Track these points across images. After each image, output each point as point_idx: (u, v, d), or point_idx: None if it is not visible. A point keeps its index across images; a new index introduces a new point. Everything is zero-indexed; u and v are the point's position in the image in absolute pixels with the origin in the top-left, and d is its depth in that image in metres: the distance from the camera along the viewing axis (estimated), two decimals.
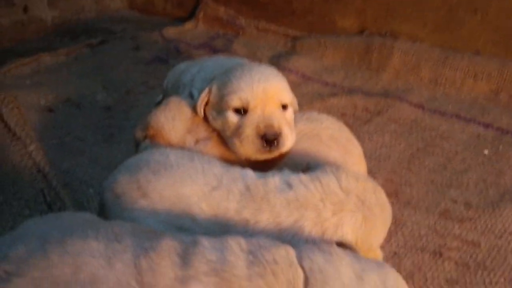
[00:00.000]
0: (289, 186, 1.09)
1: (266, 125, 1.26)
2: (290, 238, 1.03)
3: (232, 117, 1.30)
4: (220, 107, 1.33)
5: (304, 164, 1.27)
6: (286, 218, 1.04)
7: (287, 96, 1.37)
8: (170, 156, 1.23)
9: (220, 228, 1.06)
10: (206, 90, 1.36)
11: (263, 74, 1.34)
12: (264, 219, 1.05)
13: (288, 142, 1.29)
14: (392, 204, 1.44)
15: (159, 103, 2.00)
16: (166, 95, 1.81)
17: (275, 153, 1.29)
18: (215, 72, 1.50)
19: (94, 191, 1.50)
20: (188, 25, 3.07)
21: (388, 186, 1.53)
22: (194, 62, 1.77)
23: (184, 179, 1.14)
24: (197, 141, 1.39)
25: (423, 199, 1.48)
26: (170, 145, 1.38)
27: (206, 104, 1.38)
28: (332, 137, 1.37)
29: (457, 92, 2.10)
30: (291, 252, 0.87)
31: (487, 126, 1.86)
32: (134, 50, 2.74)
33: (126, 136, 1.84)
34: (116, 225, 0.95)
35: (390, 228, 1.31)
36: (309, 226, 1.03)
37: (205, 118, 1.40)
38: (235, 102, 1.29)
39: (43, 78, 2.33)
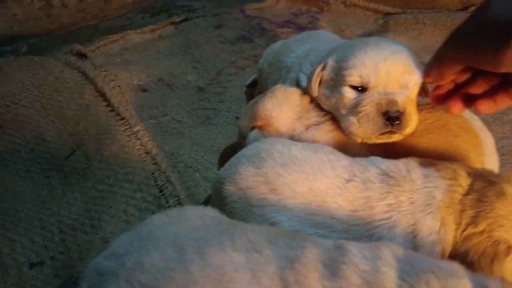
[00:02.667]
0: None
1: (388, 101, 1.14)
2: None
3: (349, 93, 1.19)
4: (335, 83, 1.21)
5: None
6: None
7: (415, 77, 1.25)
8: (293, 147, 1.16)
9: (361, 223, 0.97)
10: (321, 66, 1.27)
11: (391, 51, 1.20)
12: (405, 198, 0.95)
13: (412, 122, 1.17)
14: None
15: (250, 85, 1.95)
16: (261, 75, 1.73)
17: (396, 136, 1.17)
18: (322, 55, 1.41)
19: (200, 176, 1.47)
20: (269, 1, 2.96)
21: None
22: (292, 42, 1.66)
23: (315, 172, 1.06)
24: (307, 127, 1.32)
25: None
26: (280, 134, 1.31)
27: (320, 83, 1.29)
28: (461, 126, 1.24)
29: None
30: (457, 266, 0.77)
31: None
32: (217, 28, 2.68)
33: (223, 119, 1.80)
34: (250, 231, 0.88)
35: None
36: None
37: (316, 101, 1.32)
38: (354, 78, 1.17)
39: (132, 56, 2.33)
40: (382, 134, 1.17)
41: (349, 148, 1.26)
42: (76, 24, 2.93)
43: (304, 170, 1.07)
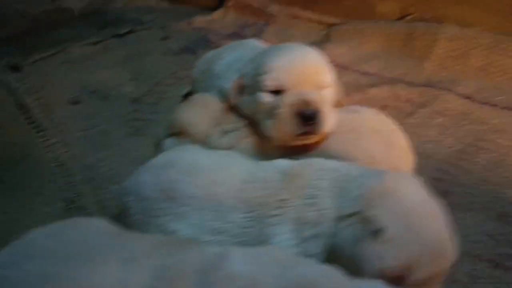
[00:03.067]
0: None
1: (302, 102, 1.16)
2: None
3: (266, 97, 1.21)
4: (253, 90, 1.24)
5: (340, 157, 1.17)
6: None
7: (327, 77, 1.27)
8: (200, 155, 1.15)
9: (255, 223, 0.97)
10: (239, 75, 1.28)
11: (301, 53, 1.26)
12: (297, 192, 0.97)
13: (328, 122, 1.19)
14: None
15: (186, 96, 1.93)
16: (195, 85, 1.72)
17: (313, 137, 1.18)
18: (247, 64, 1.41)
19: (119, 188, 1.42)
20: (218, 14, 2.96)
21: (436, 186, 1.39)
22: (224, 50, 1.66)
23: (215, 178, 1.05)
24: (225, 133, 1.31)
25: (478, 201, 1.33)
26: (197, 142, 1.30)
27: (240, 91, 1.29)
28: (373, 129, 1.25)
29: (509, 81, 1.91)
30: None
31: None
32: (163, 40, 2.66)
33: (154, 130, 1.76)
34: (134, 240, 0.86)
35: None
36: None
37: (235, 108, 1.32)
38: (269, 83, 1.20)
39: (70, 68, 2.28)
40: (299, 135, 1.18)
41: (266, 152, 1.26)
42: (19, 37, 2.86)
43: (204, 177, 1.06)
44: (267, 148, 1.26)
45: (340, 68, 2.17)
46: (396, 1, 2.33)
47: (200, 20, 2.89)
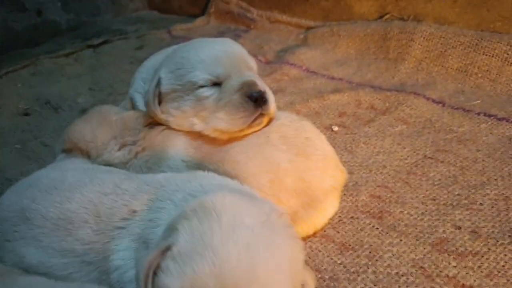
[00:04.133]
0: None
1: (248, 84, 1.08)
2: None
3: (207, 92, 1.11)
4: (183, 92, 1.13)
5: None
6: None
7: (252, 59, 1.19)
8: (69, 172, 1.03)
9: (101, 238, 0.86)
10: (154, 82, 1.16)
11: (221, 43, 1.18)
12: (148, 205, 0.86)
13: (273, 101, 1.11)
14: (373, 228, 1.12)
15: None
16: None
17: (265, 119, 1.09)
18: (150, 70, 1.29)
19: None
20: (200, 21, 2.88)
21: (372, 205, 1.19)
22: (151, 56, 1.53)
23: (74, 194, 0.93)
24: (122, 146, 1.19)
25: (415, 224, 1.11)
26: (89, 156, 1.19)
27: (160, 101, 1.17)
28: (283, 137, 1.09)
29: (491, 83, 1.67)
30: None
31: None
32: (137, 49, 2.59)
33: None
34: None
35: (361, 260, 1.00)
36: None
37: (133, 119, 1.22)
38: (204, 77, 1.10)
39: (36, 80, 2.24)
40: (253, 121, 1.08)
41: (163, 163, 1.14)
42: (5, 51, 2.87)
43: (63, 193, 0.94)
44: (165, 159, 1.13)
45: (308, 73, 2.01)
46: (374, 0, 2.13)
47: (181, 28, 2.81)
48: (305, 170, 1.06)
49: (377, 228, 1.12)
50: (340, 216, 1.17)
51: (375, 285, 0.97)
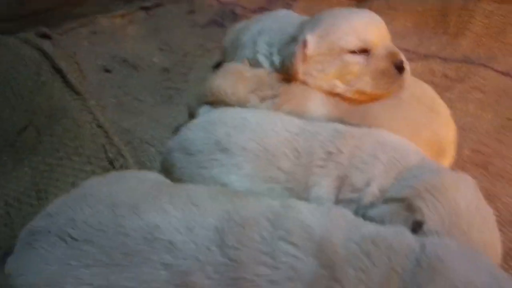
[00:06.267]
0: None
1: (393, 53, 1.23)
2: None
3: (355, 58, 1.23)
4: (331, 55, 1.24)
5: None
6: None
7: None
8: (244, 113, 1.15)
9: (301, 170, 0.98)
10: (301, 45, 1.25)
11: (366, 14, 1.30)
12: (347, 150, 0.98)
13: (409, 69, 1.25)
14: (482, 176, 1.30)
15: (217, 66, 1.92)
16: (225, 55, 1.71)
17: (403, 84, 1.22)
18: (279, 35, 1.40)
19: (156, 151, 1.42)
20: None
21: (476, 158, 1.37)
22: (252, 21, 1.64)
23: (266, 130, 1.06)
24: (263, 99, 1.30)
25: None
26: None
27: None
28: (413, 96, 1.25)
29: None
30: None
31: None
32: (190, 13, 2.64)
33: (185, 98, 1.76)
34: (191, 189, 0.86)
35: None
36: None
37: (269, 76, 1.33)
38: (355, 43, 1.22)
39: (99, 39, 2.27)
40: (393, 84, 1.21)
41: (305, 117, 1.25)
42: (49, 10, 2.86)
43: (255, 129, 1.06)
44: (307, 112, 1.25)
45: None
46: None
47: None
48: (437, 125, 1.22)
49: (486, 176, 1.30)
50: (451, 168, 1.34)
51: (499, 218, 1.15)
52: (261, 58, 1.43)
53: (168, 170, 1.10)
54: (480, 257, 0.68)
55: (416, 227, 0.82)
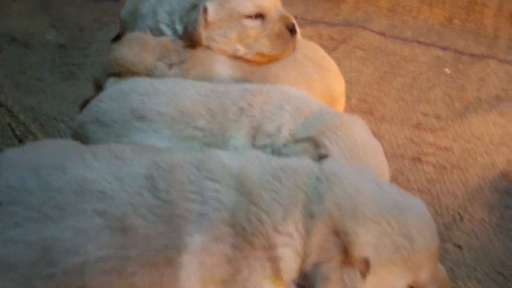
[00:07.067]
0: None
1: (285, 17, 1.35)
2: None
3: (253, 23, 1.33)
4: (230, 21, 1.33)
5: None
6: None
7: None
8: (155, 82, 1.20)
9: (218, 126, 1.07)
10: (201, 12, 1.33)
11: None
12: (257, 105, 1.09)
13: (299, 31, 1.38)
14: (368, 120, 1.51)
15: (116, 39, 1.91)
16: (124, 27, 1.71)
17: (295, 44, 1.35)
18: (179, 3, 1.45)
19: (66, 126, 1.42)
20: None
21: (362, 106, 1.59)
22: None
23: (179, 95, 1.12)
24: (170, 66, 1.36)
25: (396, 115, 1.55)
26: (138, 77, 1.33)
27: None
28: (306, 56, 1.40)
29: (414, 20, 2.17)
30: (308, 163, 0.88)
31: (445, 48, 1.95)
32: None
33: (89, 73, 1.74)
34: (113, 145, 0.90)
35: None
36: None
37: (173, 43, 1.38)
38: (251, 9, 1.32)
39: None
40: (287, 46, 1.33)
41: (212, 79, 1.34)
42: None
43: (168, 95, 1.12)
44: (215, 75, 1.34)
45: None
46: None
47: None
48: (328, 79, 1.39)
49: (371, 120, 1.52)
50: None
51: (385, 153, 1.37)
52: (163, 27, 1.47)
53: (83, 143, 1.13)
54: (366, 171, 0.84)
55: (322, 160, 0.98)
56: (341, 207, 0.77)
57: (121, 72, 1.34)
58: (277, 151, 1.05)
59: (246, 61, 1.38)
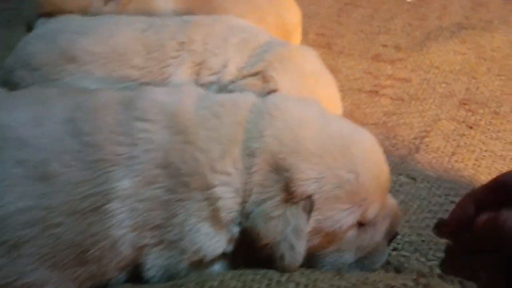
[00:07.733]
0: None
1: None
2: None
3: None
4: None
5: None
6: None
7: None
8: (86, 19, 1.10)
9: (155, 63, 1.00)
10: None
11: None
12: (199, 38, 1.02)
13: None
14: (326, 54, 1.45)
15: None
16: None
17: None
18: None
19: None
20: None
21: (320, 40, 1.52)
22: None
23: (112, 31, 1.04)
24: (106, 1, 1.26)
25: (355, 47, 1.48)
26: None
27: None
28: None
29: None
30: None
31: None
32: None
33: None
34: (35, 90, 0.83)
35: None
36: None
37: None
38: None
39: None
40: None
41: (154, 14, 1.25)
42: None
43: (100, 32, 1.03)
44: (154, 10, 1.25)
45: None
46: None
47: None
48: (281, 9, 1.31)
49: (329, 54, 1.46)
50: None
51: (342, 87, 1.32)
52: None
53: (12, 90, 1.04)
54: (313, 104, 0.78)
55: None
56: (282, 142, 0.72)
57: (53, 12, 1.24)
58: (224, 89, 0.99)
59: None
